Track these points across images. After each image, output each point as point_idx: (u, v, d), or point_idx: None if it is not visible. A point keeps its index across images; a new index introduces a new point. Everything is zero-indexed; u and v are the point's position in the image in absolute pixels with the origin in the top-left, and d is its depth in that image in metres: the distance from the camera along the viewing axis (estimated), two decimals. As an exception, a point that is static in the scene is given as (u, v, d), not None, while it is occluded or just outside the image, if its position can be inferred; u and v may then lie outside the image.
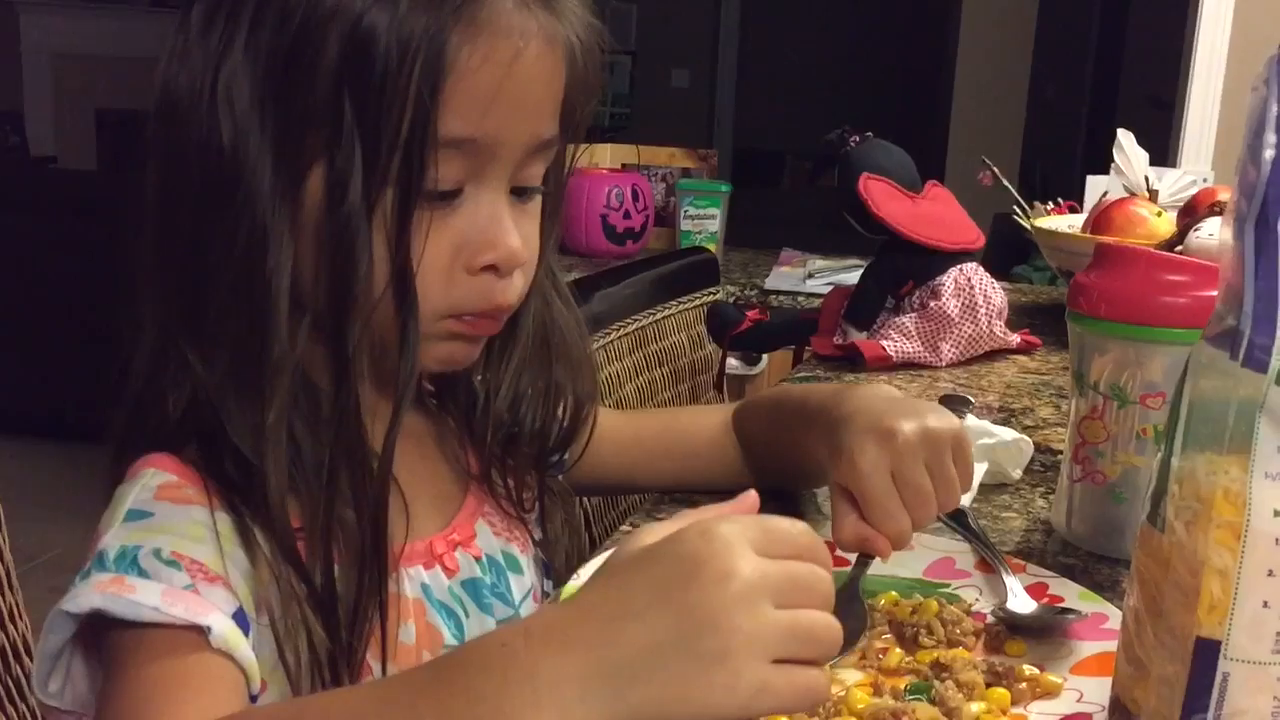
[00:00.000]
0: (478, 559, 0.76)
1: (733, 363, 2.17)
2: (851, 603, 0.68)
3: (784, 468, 0.90)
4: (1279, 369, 0.47)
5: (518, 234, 0.67)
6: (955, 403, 0.94)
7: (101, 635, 0.59)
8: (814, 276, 2.34)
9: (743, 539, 0.48)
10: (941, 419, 0.73)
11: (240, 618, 0.59)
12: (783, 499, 0.93)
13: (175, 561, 0.59)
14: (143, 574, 0.58)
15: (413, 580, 0.72)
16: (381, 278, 0.63)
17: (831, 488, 0.74)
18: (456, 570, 0.74)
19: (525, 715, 0.45)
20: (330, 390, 0.64)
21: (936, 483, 0.71)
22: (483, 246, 0.66)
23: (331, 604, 0.63)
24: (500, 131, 0.65)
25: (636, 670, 0.46)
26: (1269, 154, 0.46)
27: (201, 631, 0.57)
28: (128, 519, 0.61)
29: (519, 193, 0.69)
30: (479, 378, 0.78)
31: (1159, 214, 1.55)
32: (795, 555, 0.49)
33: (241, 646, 0.58)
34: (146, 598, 0.57)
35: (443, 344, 0.68)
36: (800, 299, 2.26)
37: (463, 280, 0.66)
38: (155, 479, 0.63)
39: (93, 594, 0.57)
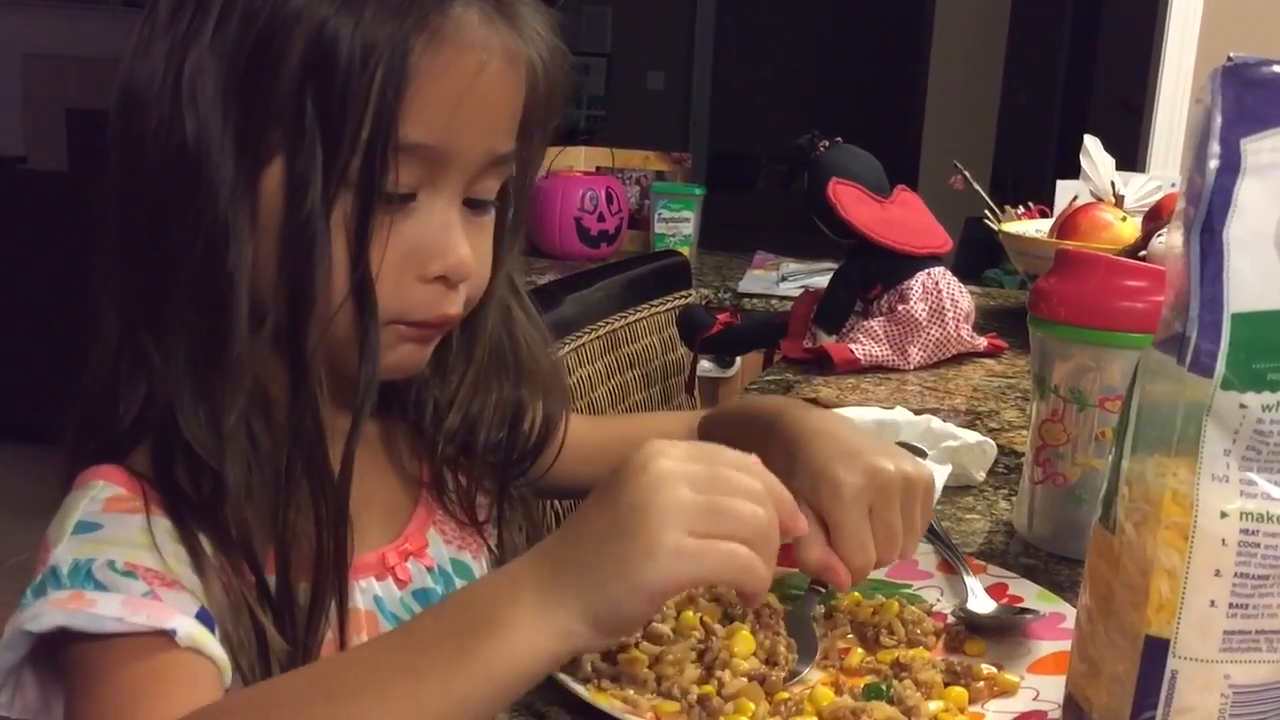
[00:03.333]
0: (430, 569, 0.75)
1: (706, 365, 2.18)
2: (801, 629, 0.71)
3: None
4: (1224, 374, 0.48)
5: (468, 245, 0.67)
6: (911, 451, 0.94)
7: (57, 649, 0.59)
8: (787, 280, 2.36)
9: (677, 447, 0.56)
10: (916, 466, 0.72)
11: (204, 616, 0.59)
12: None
13: (130, 571, 0.59)
14: (100, 586, 0.58)
15: (365, 592, 0.71)
16: (340, 281, 0.63)
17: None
18: (409, 581, 0.74)
19: (506, 612, 0.53)
20: (288, 395, 0.64)
21: (905, 528, 0.70)
22: (433, 255, 0.66)
23: (286, 610, 0.63)
24: (457, 142, 0.65)
25: (582, 561, 0.54)
26: (1213, 164, 0.47)
27: (168, 635, 0.57)
28: (77, 531, 0.61)
29: (472, 205, 0.69)
30: (433, 384, 0.77)
31: (1124, 219, 1.57)
32: (734, 465, 0.56)
33: (210, 643, 0.58)
34: (108, 609, 0.57)
35: (391, 350, 0.68)
36: (773, 302, 2.27)
37: (414, 288, 0.66)
38: (104, 491, 0.63)
39: (54, 612, 0.57)
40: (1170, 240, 0.50)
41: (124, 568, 0.59)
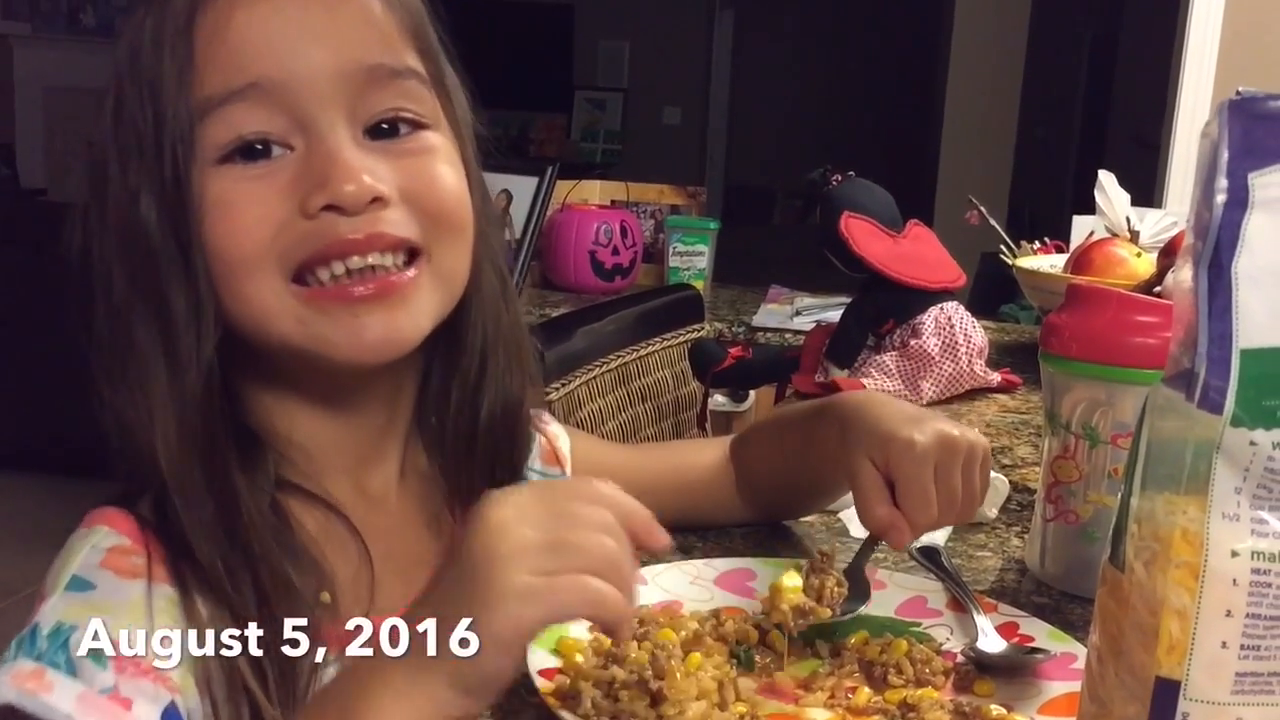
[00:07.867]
0: None
1: (720, 399, 2.17)
2: (857, 579, 0.77)
3: (787, 483, 0.90)
4: (1234, 410, 0.47)
5: (365, 170, 0.63)
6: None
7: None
8: (801, 314, 2.35)
9: (518, 492, 0.54)
10: (977, 435, 0.78)
11: (171, 715, 0.57)
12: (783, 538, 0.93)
13: (101, 655, 0.56)
14: (69, 667, 0.56)
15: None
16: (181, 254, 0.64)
17: (855, 470, 0.77)
18: None
19: (375, 693, 0.52)
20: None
21: (963, 492, 0.76)
22: (314, 187, 0.63)
23: (276, 679, 0.61)
24: (282, 70, 0.63)
25: (438, 630, 0.51)
26: (1220, 198, 0.47)
27: None
28: (70, 587, 0.60)
29: (379, 133, 0.66)
30: (444, 391, 0.75)
31: (1139, 255, 1.56)
32: (577, 498, 0.54)
33: None
34: (61, 702, 0.55)
35: (337, 324, 0.65)
36: (787, 336, 2.26)
37: (296, 226, 0.63)
38: (106, 540, 0.62)
39: (9, 687, 0.55)
40: (1178, 275, 0.50)
41: (100, 648, 0.57)
